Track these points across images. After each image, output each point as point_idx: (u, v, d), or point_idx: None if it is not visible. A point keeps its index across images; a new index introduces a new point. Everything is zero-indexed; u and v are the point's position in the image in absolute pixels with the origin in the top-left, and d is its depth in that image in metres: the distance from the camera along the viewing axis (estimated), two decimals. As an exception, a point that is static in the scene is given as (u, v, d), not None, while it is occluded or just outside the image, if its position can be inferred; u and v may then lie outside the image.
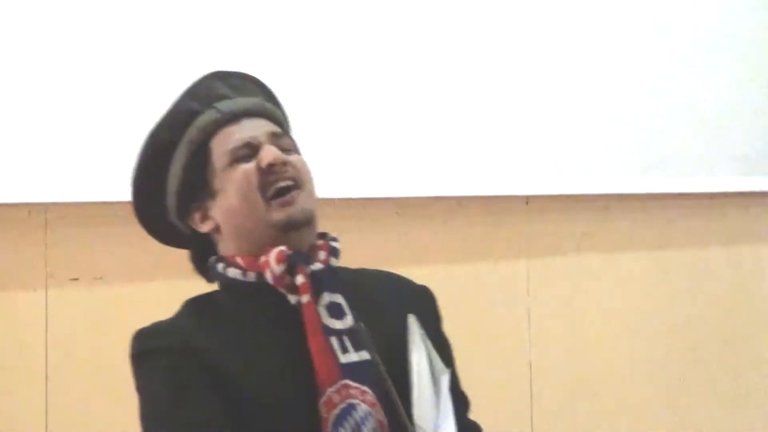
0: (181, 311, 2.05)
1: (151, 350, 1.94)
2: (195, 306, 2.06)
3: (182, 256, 3.56)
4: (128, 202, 2.83)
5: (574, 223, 4.36)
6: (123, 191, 3.30)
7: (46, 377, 3.16)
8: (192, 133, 2.08)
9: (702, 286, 4.64)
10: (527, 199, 4.28)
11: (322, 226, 2.05)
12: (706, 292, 4.64)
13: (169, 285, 3.20)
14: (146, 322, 3.48)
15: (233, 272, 1.99)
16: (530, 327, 4.32)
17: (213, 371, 1.88)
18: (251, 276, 1.98)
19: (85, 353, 3.22)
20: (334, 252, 2.03)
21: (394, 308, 2.08)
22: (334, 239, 2.08)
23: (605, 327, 4.27)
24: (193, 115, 2.09)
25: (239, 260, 1.99)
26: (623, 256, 4.54)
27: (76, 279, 3.21)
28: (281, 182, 1.97)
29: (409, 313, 2.02)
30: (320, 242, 2.04)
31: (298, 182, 2.00)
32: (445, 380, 1.96)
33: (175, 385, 1.90)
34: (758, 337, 4.64)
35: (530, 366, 4.28)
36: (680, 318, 4.51)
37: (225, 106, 2.09)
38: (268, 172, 1.96)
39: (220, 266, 2.02)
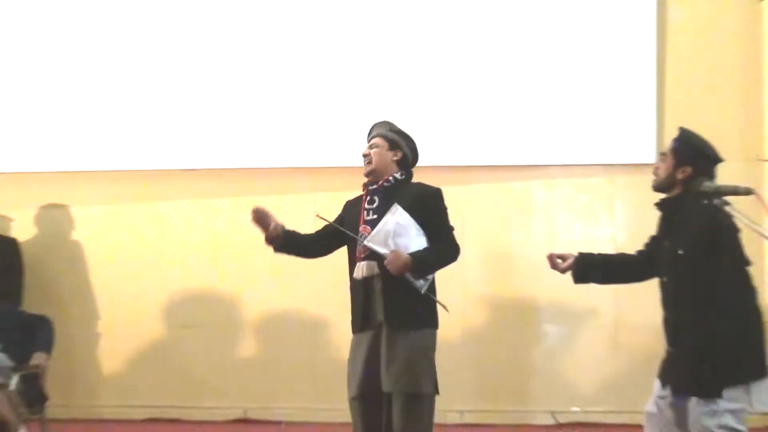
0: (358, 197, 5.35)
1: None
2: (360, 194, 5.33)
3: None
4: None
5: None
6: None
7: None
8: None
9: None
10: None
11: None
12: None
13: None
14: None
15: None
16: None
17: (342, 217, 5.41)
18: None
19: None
20: (387, 181, 5.15)
21: (406, 200, 5.07)
22: (389, 180, 5.18)
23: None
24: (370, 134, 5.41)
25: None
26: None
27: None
28: (365, 160, 5.25)
29: (413, 202, 5.08)
30: (389, 180, 5.19)
31: (372, 161, 5.20)
32: (408, 232, 5.04)
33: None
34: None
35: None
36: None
37: (371, 133, 5.41)
38: (364, 157, 5.26)
39: None
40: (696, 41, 8.30)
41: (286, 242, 5.25)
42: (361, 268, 5.04)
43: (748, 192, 3.88)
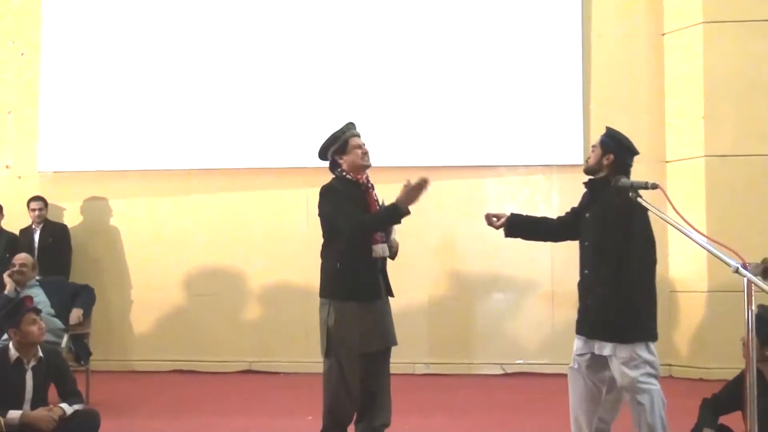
0: (332, 182, 4.92)
1: (326, 190, 4.89)
2: (332, 183, 4.93)
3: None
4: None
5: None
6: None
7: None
8: (345, 136, 4.99)
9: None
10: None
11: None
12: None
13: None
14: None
15: (348, 176, 4.90)
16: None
17: (348, 197, 4.82)
18: (352, 178, 4.89)
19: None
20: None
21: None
22: None
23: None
24: (346, 131, 5.01)
25: (350, 173, 4.91)
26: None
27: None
28: (367, 156, 4.95)
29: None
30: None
31: (368, 156, 4.98)
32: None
33: (336, 199, 4.86)
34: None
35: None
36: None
37: (352, 131, 5.02)
38: (364, 152, 4.93)
39: (341, 172, 4.92)
40: (613, 68, 8.55)
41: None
42: (382, 249, 4.93)
43: (654, 186, 3.96)
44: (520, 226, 5.09)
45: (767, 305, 3.84)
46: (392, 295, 5.07)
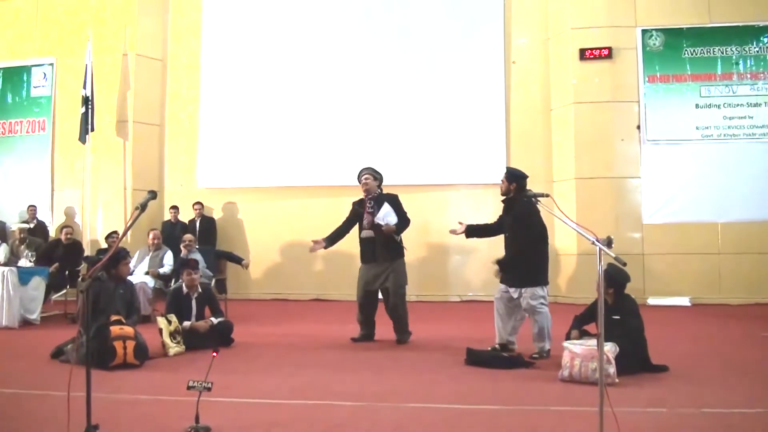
0: (359, 200, 5.24)
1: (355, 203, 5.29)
2: (359, 201, 5.21)
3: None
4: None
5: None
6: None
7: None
8: (359, 175, 5.25)
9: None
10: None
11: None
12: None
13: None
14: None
15: (363, 195, 5.17)
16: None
17: (357, 205, 5.17)
18: (363, 196, 5.14)
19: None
20: (375, 194, 5.10)
21: (386, 200, 5.11)
22: (376, 194, 5.12)
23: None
24: (360, 173, 5.21)
25: (363, 194, 5.17)
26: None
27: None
28: (364, 188, 5.14)
29: (389, 201, 5.16)
30: (379, 191, 5.15)
31: (368, 185, 5.12)
32: (392, 215, 5.06)
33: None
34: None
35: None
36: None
37: (363, 173, 5.17)
38: (364, 187, 5.15)
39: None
40: (523, 128, 8.42)
41: (332, 242, 5.34)
42: (366, 233, 5.20)
43: (547, 195, 3.85)
44: (475, 233, 5.06)
45: (612, 263, 3.79)
46: (389, 261, 5.22)
